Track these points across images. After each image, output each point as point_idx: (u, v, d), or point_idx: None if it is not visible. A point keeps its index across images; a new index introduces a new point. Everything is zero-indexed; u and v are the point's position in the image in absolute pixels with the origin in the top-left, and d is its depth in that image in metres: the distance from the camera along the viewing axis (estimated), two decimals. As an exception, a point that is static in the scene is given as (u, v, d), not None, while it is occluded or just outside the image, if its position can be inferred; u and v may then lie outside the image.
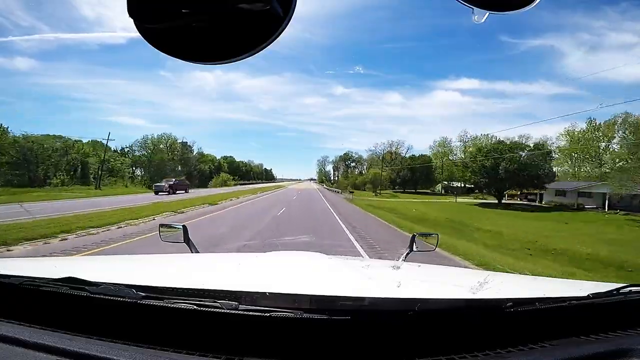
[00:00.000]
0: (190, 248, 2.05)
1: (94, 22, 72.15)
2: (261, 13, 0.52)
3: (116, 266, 1.60)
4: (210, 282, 1.17)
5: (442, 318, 0.84)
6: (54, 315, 0.86)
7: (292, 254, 2.13)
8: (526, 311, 0.85)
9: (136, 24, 0.54)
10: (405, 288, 1.12)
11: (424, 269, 1.66)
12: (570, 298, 0.92)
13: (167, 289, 0.87)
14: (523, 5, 0.65)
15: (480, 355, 0.77)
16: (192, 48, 0.56)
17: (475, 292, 0.99)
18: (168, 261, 1.80)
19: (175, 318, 0.81)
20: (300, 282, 1.26)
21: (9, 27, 52.28)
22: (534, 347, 0.81)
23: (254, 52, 0.56)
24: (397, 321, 0.81)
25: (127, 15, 0.53)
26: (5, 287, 0.93)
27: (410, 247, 2.14)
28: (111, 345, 0.75)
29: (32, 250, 7.66)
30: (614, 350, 0.78)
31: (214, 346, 0.76)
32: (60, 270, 0.95)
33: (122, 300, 0.82)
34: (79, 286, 0.86)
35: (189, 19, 0.53)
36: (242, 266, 1.61)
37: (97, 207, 17.24)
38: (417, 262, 1.79)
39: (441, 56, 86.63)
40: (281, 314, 0.77)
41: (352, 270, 1.61)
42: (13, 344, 0.74)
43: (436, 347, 0.78)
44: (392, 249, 8.81)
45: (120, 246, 8.46)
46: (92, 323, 0.83)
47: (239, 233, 11.03)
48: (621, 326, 0.90)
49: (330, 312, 0.78)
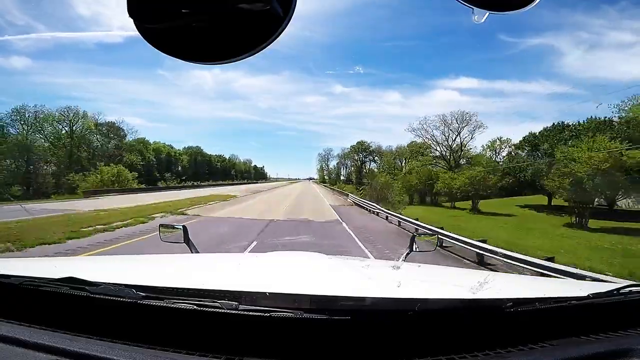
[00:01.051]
0: (190, 248, 2.05)
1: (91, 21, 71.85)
2: (261, 13, 0.52)
3: (116, 266, 1.60)
4: (210, 282, 1.17)
5: (442, 318, 0.84)
6: (54, 315, 0.86)
7: (292, 254, 2.13)
8: (526, 311, 0.85)
9: (136, 24, 0.54)
10: (405, 288, 1.12)
11: (424, 269, 1.65)
12: (570, 298, 0.92)
13: (167, 289, 0.87)
14: (523, 5, 0.65)
15: (480, 355, 0.77)
16: (192, 48, 0.56)
17: (475, 292, 0.99)
18: (168, 261, 1.80)
19: (175, 318, 0.81)
20: (300, 282, 1.26)
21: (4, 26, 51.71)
22: (534, 347, 0.80)
23: (254, 52, 0.56)
24: (397, 321, 0.81)
25: (124, 15, 0.53)
26: (6, 287, 0.93)
27: (410, 247, 2.14)
28: (111, 346, 0.75)
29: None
30: (614, 350, 0.78)
31: (214, 346, 0.76)
32: (60, 270, 0.95)
33: (122, 300, 0.82)
34: (79, 286, 0.86)
35: (189, 19, 0.53)
36: (242, 266, 1.61)
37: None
38: (417, 262, 1.79)
39: (441, 55, 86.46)
40: (281, 314, 0.77)
41: (352, 270, 1.61)
42: (13, 344, 0.74)
43: (436, 347, 0.78)
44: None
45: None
46: (92, 323, 0.83)
47: None
48: (621, 326, 0.90)
49: (330, 312, 0.78)
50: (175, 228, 2.15)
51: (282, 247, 8.55)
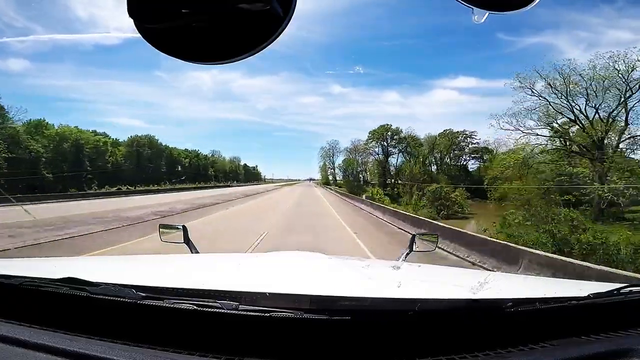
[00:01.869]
0: (190, 248, 2.06)
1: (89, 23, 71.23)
2: (261, 13, 0.52)
3: (116, 266, 1.60)
4: (210, 282, 1.17)
5: (442, 318, 0.84)
6: (54, 315, 0.86)
7: (292, 254, 2.13)
8: (526, 311, 0.85)
9: (136, 24, 0.54)
10: (405, 288, 1.12)
11: (424, 269, 1.66)
12: (570, 298, 0.92)
13: (167, 289, 0.87)
14: (523, 5, 0.64)
15: (480, 355, 0.77)
16: (192, 48, 0.56)
17: (475, 292, 0.99)
18: (168, 261, 1.80)
19: (175, 318, 0.81)
20: (300, 282, 1.26)
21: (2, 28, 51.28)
22: (534, 347, 0.80)
23: (254, 52, 0.56)
24: (397, 321, 0.81)
25: (122, 16, 0.53)
26: (6, 287, 0.93)
27: (410, 247, 2.14)
28: (111, 346, 0.75)
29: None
30: (614, 350, 0.78)
31: (214, 346, 0.76)
32: (60, 271, 0.95)
33: (122, 300, 0.82)
34: (79, 286, 0.86)
35: (189, 19, 0.53)
36: (242, 266, 1.61)
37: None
38: (417, 263, 1.79)
39: (439, 54, 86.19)
40: (281, 314, 0.77)
41: (352, 270, 1.61)
42: (13, 344, 0.74)
43: (436, 347, 0.78)
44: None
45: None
46: (92, 323, 0.83)
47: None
48: (621, 326, 0.90)
49: (330, 312, 0.78)
50: (176, 228, 2.16)
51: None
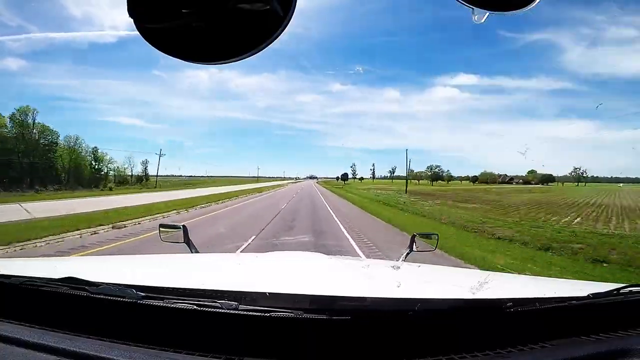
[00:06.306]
0: (190, 248, 2.05)
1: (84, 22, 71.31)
2: (261, 13, 0.52)
3: (116, 266, 1.60)
4: (210, 282, 1.17)
5: (442, 318, 0.84)
6: (54, 315, 0.86)
7: (292, 254, 2.13)
8: (526, 311, 0.85)
9: (136, 24, 0.54)
10: (405, 288, 1.12)
11: (424, 269, 1.65)
12: (570, 298, 0.92)
13: (167, 289, 0.87)
14: (523, 5, 0.64)
15: (480, 355, 0.77)
16: (192, 48, 0.56)
17: (475, 292, 0.99)
18: (168, 261, 1.80)
19: (175, 318, 0.81)
20: (300, 282, 1.26)
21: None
22: (534, 347, 0.80)
23: (254, 52, 0.56)
24: (397, 321, 0.81)
25: (118, 15, 0.54)
26: (6, 287, 0.93)
27: (410, 247, 2.14)
28: (111, 346, 0.75)
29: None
30: (614, 350, 0.78)
31: (214, 346, 0.76)
32: (60, 271, 0.95)
33: (122, 300, 0.82)
34: (79, 286, 0.86)
35: (189, 19, 0.53)
36: (242, 266, 1.61)
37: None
38: (417, 263, 1.79)
39: (439, 51, 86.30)
40: (281, 314, 0.77)
41: (352, 270, 1.61)
42: (13, 344, 0.74)
43: (436, 347, 0.78)
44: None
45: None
46: (92, 323, 0.83)
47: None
48: (621, 326, 0.90)
49: (330, 312, 0.78)
50: (176, 228, 2.15)
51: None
